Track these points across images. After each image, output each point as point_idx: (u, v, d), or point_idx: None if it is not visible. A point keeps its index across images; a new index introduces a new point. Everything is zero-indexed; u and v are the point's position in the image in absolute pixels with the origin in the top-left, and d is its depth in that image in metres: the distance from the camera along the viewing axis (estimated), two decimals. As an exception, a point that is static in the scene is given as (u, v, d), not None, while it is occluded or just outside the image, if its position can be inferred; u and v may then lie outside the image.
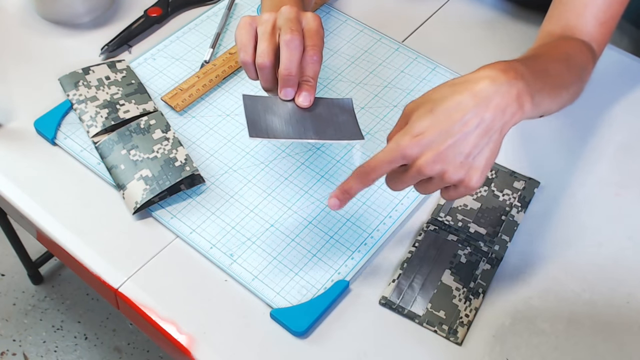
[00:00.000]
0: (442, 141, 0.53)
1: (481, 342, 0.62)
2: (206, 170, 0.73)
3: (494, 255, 0.67)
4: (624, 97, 0.83)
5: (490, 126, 0.54)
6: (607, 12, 0.69)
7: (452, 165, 0.54)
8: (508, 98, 0.54)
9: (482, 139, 0.54)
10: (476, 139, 0.54)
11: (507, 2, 0.93)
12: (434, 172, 0.54)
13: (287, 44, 0.60)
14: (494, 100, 0.54)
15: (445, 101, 0.54)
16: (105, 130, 0.74)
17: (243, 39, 0.63)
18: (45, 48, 0.85)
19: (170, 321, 0.63)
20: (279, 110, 0.62)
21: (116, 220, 0.69)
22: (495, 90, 0.54)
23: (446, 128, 0.53)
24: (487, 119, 0.54)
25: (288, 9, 0.62)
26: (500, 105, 0.54)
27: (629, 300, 0.65)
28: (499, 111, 0.54)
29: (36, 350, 1.41)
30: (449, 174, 0.54)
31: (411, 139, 0.54)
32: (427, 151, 0.54)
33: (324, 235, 0.68)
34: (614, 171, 0.75)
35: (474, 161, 0.55)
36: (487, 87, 0.54)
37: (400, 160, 0.55)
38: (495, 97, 0.54)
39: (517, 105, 0.55)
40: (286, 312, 0.62)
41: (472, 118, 0.53)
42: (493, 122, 0.54)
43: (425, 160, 0.54)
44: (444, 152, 0.53)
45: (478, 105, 0.54)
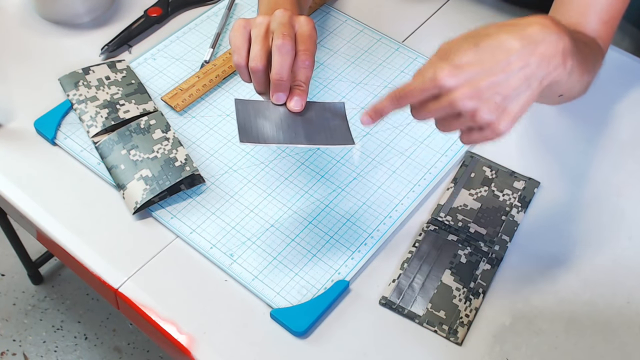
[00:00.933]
0: (483, 78, 0.51)
1: (481, 342, 0.62)
2: (206, 170, 0.73)
3: (494, 255, 0.67)
4: (625, 97, 0.83)
5: (533, 72, 0.53)
6: (609, 11, 0.69)
7: (487, 105, 0.52)
8: (555, 49, 0.53)
9: (522, 84, 0.52)
10: (517, 82, 0.52)
11: (507, 2, 0.93)
12: (466, 108, 0.52)
13: (278, 48, 0.60)
14: (541, 47, 0.53)
15: (491, 38, 0.53)
16: (105, 130, 0.74)
17: (237, 42, 0.63)
18: (45, 48, 0.85)
19: (170, 321, 0.63)
20: (271, 114, 0.62)
21: (116, 220, 0.69)
22: (544, 37, 0.53)
23: (489, 65, 0.52)
24: (531, 63, 0.52)
25: (281, 13, 0.62)
26: (546, 54, 0.53)
27: (629, 300, 0.65)
28: (544, 59, 0.53)
29: (36, 350, 1.41)
30: (480, 113, 0.52)
31: (451, 69, 0.52)
32: (465, 85, 0.52)
33: (324, 235, 0.68)
34: (614, 171, 0.75)
35: (508, 105, 0.53)
36: (536, 32, 0.53)
37: (435, 90, 0.53)
38: (543, 44, 0.53)
39: (561, 59, 0.54)
40: (286, 312, 0.62)
41: (517, 60, 0.52)
42: (537, 69, 0.53)
43: (461, 94, 0.52)
44: (482, 89, 0.51)
45: (525, 48, 0.52)
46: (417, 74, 0.55)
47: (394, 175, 0.73)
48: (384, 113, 0.57)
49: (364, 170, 0.74)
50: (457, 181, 0.73)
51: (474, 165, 0.74)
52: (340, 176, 0.73)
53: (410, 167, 0.74)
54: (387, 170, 0.74)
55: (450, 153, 0.75)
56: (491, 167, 0.74)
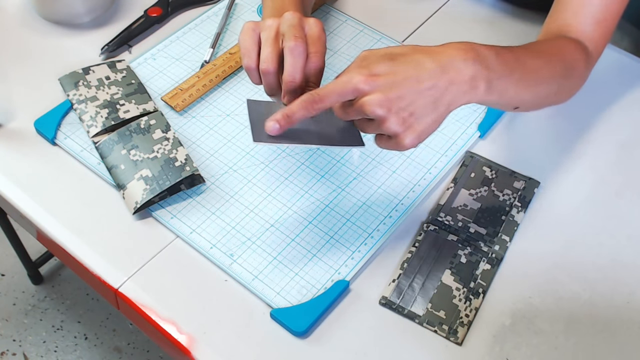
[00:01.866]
0: (394, 89, 0.54)
1: (481, 342, 0.62)
2: (206, 170, 0.73)
3: (494, 255, 0.67)
4: (624, 97, 0.83)
5: (440, 95, 0.55)
6: (605, 11, 0.69)
7: (395, 117, 0.55)
8: (462, 76, 0.56)
9: (429, 105, 0.55)
10: (424, 102, 0.55)
11: (506, 2, 0.93)
12: (374, 114, 0.55)
13: (291, 51, 0.60)
14: (450, 73, 0.55)
15: (407, 56, 0.56)
16: (105, 130, 0.74)
17: (247, 45, 0.63)
18: (45, 48, 0.85)
19: (170, 321, 0.63)
20: None
21: (116, 220, 0.69)
22: (452, 64, 0.56)
23: (401, 78, 0.54)
24: (440, 86, 0.55)
25: (291, 15, 0.62)
26: (454, 80, 0.55)
27: (629, 300, 0.65)
28: (452, 84, 0.55)
29: (36, 350, 1.41)
30: (387, 123, 0.55)
31: (366, 76, 0.55)
32: (376, 92, 0.54)
33: (324, 235, 0.68)
34: (614, 171, 0.75)
35: (414, 122, 0.56)
36: (446, 58, 0.56)
37: (350, 94, 0.55)
38: (451, 70, 0.55)
39: (468, 86, 0.56)
40: (286, 312, 0.62)
41: (428, 79, 0.55)
42: (444, 93, 0.55)
43: (370, 99, 0.54)
44: (392, 99, 0.54)
45: (435, 70, 0.55)
46: (334, 80, 0.57)
47: (394, 175, 0.73)
48: (295, 119, 0.57)
49: (364, 170, 0.74)
50: (457, 181, 0.73)
51: (474, 165, 0.74)
52: (340, 176, 0.73)
53: (410, 167, 0.74)
54: (387, 170, 0.74)
55: (450, 153, 0.75)
56: (491, 167, 0.74)
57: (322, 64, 0.62)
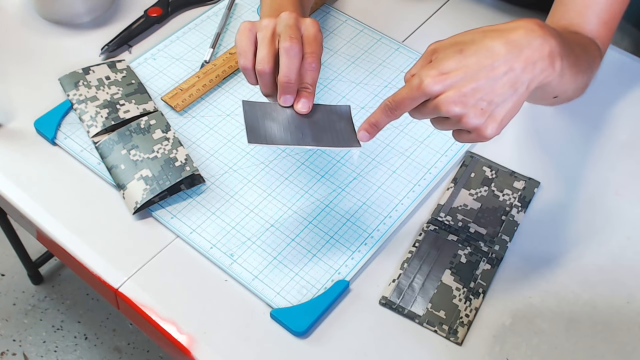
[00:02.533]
0: (467, 83, 0.52)
1: (481, 342, 0.62)
2: (206, 170, 0.73)
3: (494, 255, 0.67)
4: (624, 97, 0.83)
5: (518, 77, 0.53)
6: (609, 11, 0.69)
7: (472, 110, 0.53)
8: (540, 52, 0.54)
9: (508, 89, 0.53)
10: (502, 87, 0.53)
11: (507, 2, 0.93)
12: (451, 113, 0.53)
13: (286, 51, 0.60)
14: (526, 52, 0.53)
15: (476, 44, 0.53)
16: (105, 130, 0.74)
17: (243, 45, 0.63)
18: (45, 48, 0.85)
19: (170, 321, 0.63)
20: (278, 116, 0.62)
21: (116, 220, 0.69)
22: (529, 41, 0.53)
23: (473, 71, 0.53)
24: (516, 68, 0.53)
25: (287, 15, 0.62)
26: (532, 58, 0.53)
27: (629, 300, 0.65)
28: (530, 63, 0.53)
29: (36, 350, 1.41)
30: (466, 118, 0.53)
31: (436, 75, 0.53)
32: (450, 90, 0.53)
33: (324, 235, 0.68)
34: (614, 171, 0.75)
35: (495, 110, 0.54)
36: (521, 37, 0.53)
37: (422, 97, 0.54)
38: (528, 48, 0.53)
39: (548, 62, 0.54)
40: (286, 312, 0.62)
41: (502, 65, 0.53)
42: (522, 74, 0.53)
43: (445, 98, 0.53)
44: (466, 94, 0.52)
45: (509, 53, 0.53)
46: (407, 80, 0.56)
47: (394, 175, 0.73)
48: (380, 126, 0.59)
49: (364, 170, 0.74)
50: (457, 181, 0.73)
51: (474, 165, 0.74)
52: (340, 176, 0.73)
53: (410, 167, 0.74)
54: (387, 170, 0.74)
55: (450, 153, 0.75)
56: (491, 167, 0.74)
57: (318, 64, 0.62)
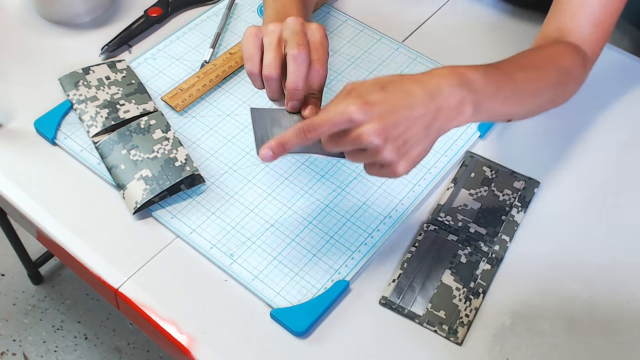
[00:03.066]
0: (390, 118, 0.54)
1: (481, 342, 0.62)
2: (206, 170, 0.73)
3: (494, 255, 0.67)
4: (624, 97, 0.83)
5: (431, 122, 0.55)
6: (602, 12, 0.69)
7: (390, 145, 0.54)
8: (449, 102, 0.56)
9: (422, 131, 0.55)
10: (417, 129, 0.55)
11: (506, 2, 0.93)
12: (372, 144, 0.54)
13: (294, 58, 0.60)
14: (437, 100, 0.55)
15: (397, 84, 0.56)
16: (105, 130, 0.74)
17: (249, 50, 0.63)
18: (45, 48, 0.85)
19: (170, 321, 0.63)
20: (287, 123, 0.62)
21: (116, 220, 0.69)
22: (439, 91, 0.56)
23: (395, 107, 0.54)
24: (429, 114, 0.55)
25: (294, 21, 0.62)
26: (442, 107, 0.56)
27: (629, 300, 0.65)
28: (440, 112, 0.56)
29: (36, 350, 1.41)
30: (383, 153, 0.54)
31: (362, 104, 0.54)
32: (373, 121, 0.54)
33: (324, 235, 0.68)
34: (614, 171, 0.75)
35: (409, 150, 0.56)
36: (433, 86, 0.56)
37: (345, 123, 0.54)
38: (438, 97, 0.56)
39: (456, 112, 0.57)
40: (286, 312, 0.62)
41: (420, 107, 0.55)
42: (434, 120, 0.56)
43: (368, 128, 0.53)
44: (388, 128, 0.54)
45: (424, 98, 0.55)
46: (325, 108, 0.56)
47: (394, 175, 0.73)
48: (287, 147, 0.56)
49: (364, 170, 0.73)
50: (457, 181, 0.73)
51: (474, 165, 0.74)
52: (340, 176, 0.73)
53: (410, 167, 0.74)
54: (387, 170, 0.74)
55: (450, 153, 0.75)
56: (491, 167, 0.74)
57: (325, 71, 0.62)
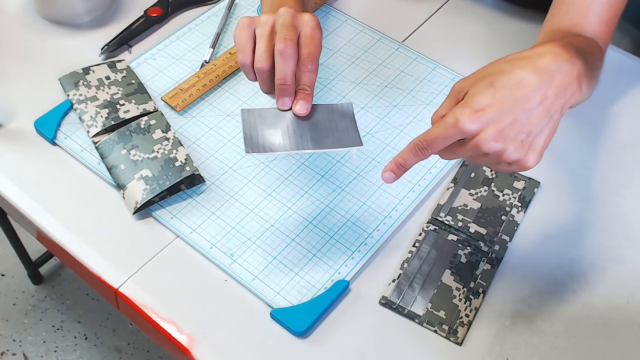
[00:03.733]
0: (504, 118, 0.51)
1: (481, 342, 0.62)
2: (206, 170, 0.73)
3: (494, 255, 0.67)
4: (624, 97, 0.83)
5: (552, 104, 0.53)
6: (609, 10, 0.69)
7: (513, 144, 0.52)
8: (570, 76, 0.53)
9: (543, 118, 0.53)
10: (538, 117, 0.52)
11: (506, 2, 0.93)
12: (492, 150, 0.52)
13: (280, 53, 0.59)
14: (557, 78, 0.53)
15: (506, 75, 0.52)
16: (105, 130, 0.74)
17: (242, 41, 0.62)
18: (45, 48, 0.85)
19: (170, 321, 0.63)
20: (277, 121, 0.62)
21: (116, 220, 0.69)
22: (558, 67, 0.53)
23: (509, 104, 0.51)
24: (550, 96, 0.52)
25: (285, 12, 0.61)
26: (563, 84, 0.53)
27: (629, 300, 0.65)
28: (562, 89, 0.53)
29: (36, 350, 1.41)
30: (507, 153, 0.52)
31: (472, 113, 0.51)
32: (488, 127, 0.51)
33: (324, 235, 0.68)
34: (614, 171, 0.75)
35: (534, 141, 0.53)
36: (550, 63, 0.53)
37: (458, 136, 0.53)
38: (559, 74, 0.53)
39: (577, 85, 0.54)
40: (286, 312, 0.62)
41: (536, 95, 0.52)
42: (555, 101, 0.53)
43: (485, 136, 0.51)
44: (505, 129, 0.51)
45: (541, 82, 0.52)
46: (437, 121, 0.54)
47: (394, 175, 0.73)
48: (408, 166, 0.56)
49: (364, 170, 0.74)
50: (457, 181, 0.73)
51: (474, 165, 0.74)
52: (340, 176, 0.73)
53: (410, 167, 0.74)
54: (387, 170, 0.74)
55: (450, 153, 0.75)
56: (491, 167, 0.74)
57: (315, 65, 0.61)
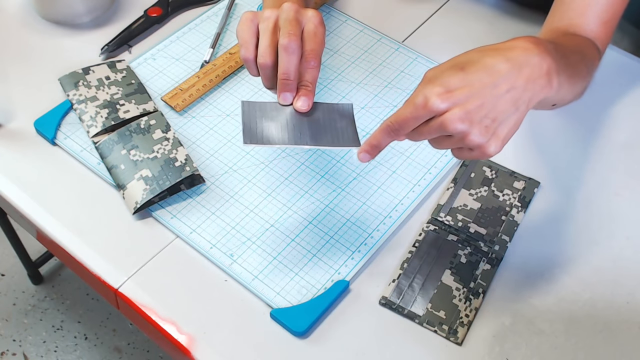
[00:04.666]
0: (472, 101, 0.52)
1: (481, 342, 0.62)
2: (206, 170, 0.73)
3: (494, 255, 0.67)
4: (624, 97, 0.83)
5: (520, 95, 0.53)
6: (609, 11, 0.69)
7: (477, 128, 0.52)
8: (539, 70, 0.54)
9: (510, 107, 0.53)
10: (504, 105, 0.53)
11: (507, 2, 0.93)
12: (457, 130, 0.52)
13: (284, 48, 0.59)
14: (526, 70, 0.53)
15: (476, 63, 0.53)
16: (105, 130, 0.74)
17: (244, 36, 0.62)
18: (45, 48, 0.85)
19: (170, 321, 0.63)
20: (277, 115, 0.62)
21: (116, 220, 0.69)
22: (528, 60, 0.53)
23: (477, 88, 0.52)
24: (518, 86, 0.53)
25: (289, 7, 0.61)
26: (532, 76, 0.53)
27: (629, 300, 0.65)
28: (530, 81, 0.53)
29: (36, 350, 1.41)
30: (471, 136, 0.53)
31: (441, 93, 0.52)
32: (455, 107, 0.52)
33: (324, 235, 0.68)
34: (614, 171, 0.75)
35: (498, 128, 0.53)
36: (519, 55, 0.53)
37: (427, 115, 0.53)
38: (527, 67, 0.53)
39: (546, 80, 0.54)
40: (286, 312, 0.62)
41: (504, 82, 0.52)
42: (523, 92, 0.53)
43: (451, 116, 0.52)
44: (472, 111, 0.52)
45: (511, 71, 0.53)
46: (407, 102, 0.55)
47: (394, 175, 0.73)
48: (381, 146, 0.57)
49: (364, 170, 0.74)
50: (457, 181, 0.73)
51: (474, 165, 0.74)
52: (340, 176, 0.73)
53: (410, 167, 0.74)
54: (387, 170, 0.74)
55: (450, 153, 0.75)
56: (491, 167, 0.74)
57: (318, 62, 0.61)
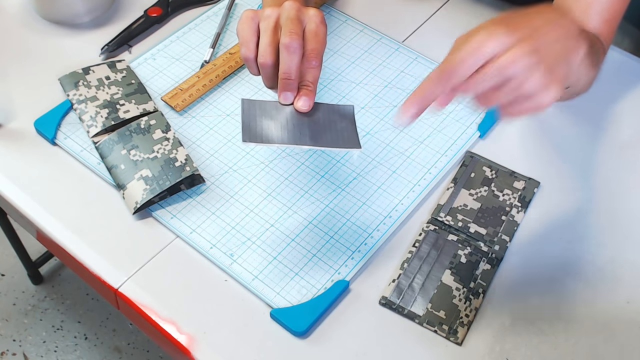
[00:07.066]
0: (529, 40, 0.48)
1: (481, 342, 0.62)
2: (206, 170, 0.73)
3: (494, 255, 0.67)
4: (625, 97, 0.83)
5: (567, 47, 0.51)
6: (611, 10, 0.69)
7: (542, 67, 0.48)
8: (573, 28, 0.54)
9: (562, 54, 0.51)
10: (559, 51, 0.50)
11: (507, 2, 0.93)
12: (521, 69, 0.47)
13: (286, 47, 0.59)
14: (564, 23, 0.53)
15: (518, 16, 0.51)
16: (105, 130, 0.74)
17: (245, 34, 0.61)
18: (45, 48, 0.85)
19: (170, 321, 0.63)
20: (277, 114, 0.61)
21: (116, 220, 0.69)
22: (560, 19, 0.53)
23: (529, 31, 0.49)
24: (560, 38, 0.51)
25: (290, 6, 0.61)
26: (570, 31, 0.53)
27: (629, 300, 0.65)
28: (569, 35, 0.53)
29: (36, 350, 1.41)
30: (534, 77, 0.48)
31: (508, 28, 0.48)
32: (524, 41, 0.48)
33: (324, 235, 0.68)
34: (614, 171, 0.75)
35: (556, 70, 0.50)
36: (551, 15, 0.53)
37: (489, 52, 0.48)
38: (564, 20, 0.53)
39: (577, 42, 0.53)
40: (286, 312, 0.62)
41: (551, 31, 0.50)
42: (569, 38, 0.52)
43: (519, 50, 0.47)
44: (540, 47, 0.48)
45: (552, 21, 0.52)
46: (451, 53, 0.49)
47: (394, 175, 0.73)
48: (429, 99, 0.50)
49: (364, 170, 0.74)
50: (457, 181, 0.73)
51: (474, 165, 0.74)
52: (340, 176, 0.73)
53: (410, 167, 0.74)
54: (387, 170, 0.74)
55: (450, 153, 0.75)
56: (491, 167, 0.74)
57: (319, 61, 0.61)
